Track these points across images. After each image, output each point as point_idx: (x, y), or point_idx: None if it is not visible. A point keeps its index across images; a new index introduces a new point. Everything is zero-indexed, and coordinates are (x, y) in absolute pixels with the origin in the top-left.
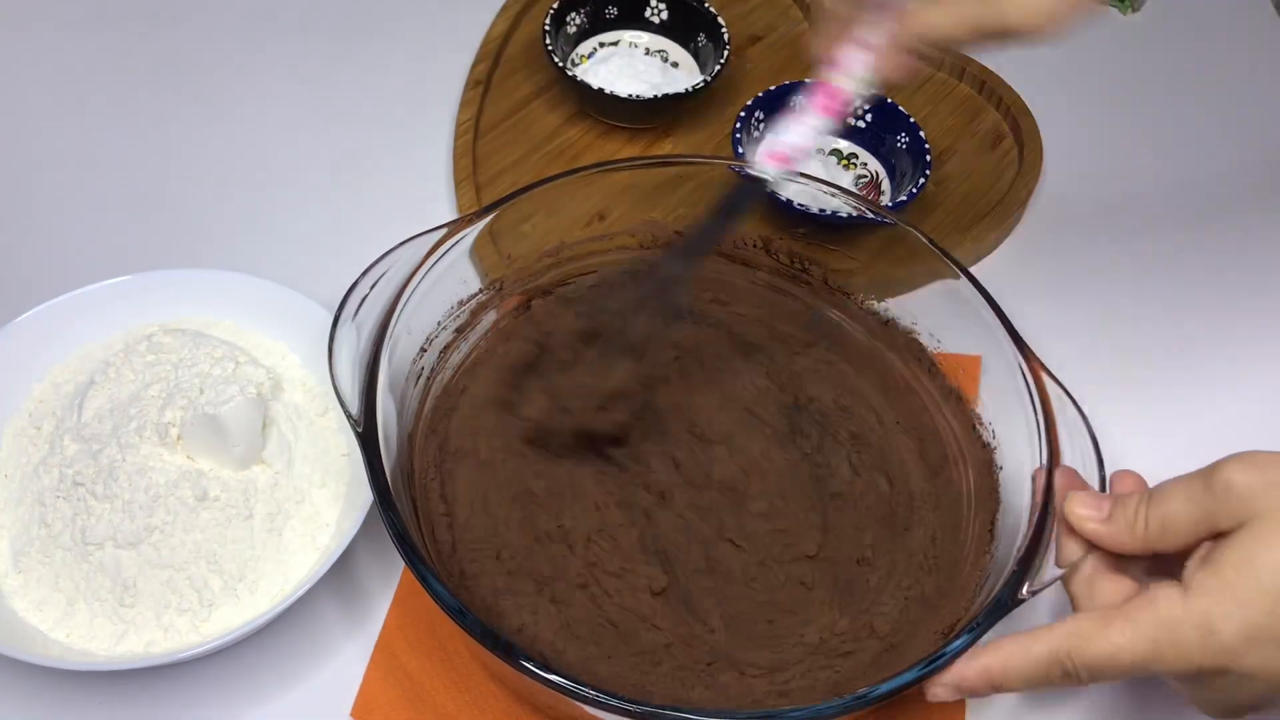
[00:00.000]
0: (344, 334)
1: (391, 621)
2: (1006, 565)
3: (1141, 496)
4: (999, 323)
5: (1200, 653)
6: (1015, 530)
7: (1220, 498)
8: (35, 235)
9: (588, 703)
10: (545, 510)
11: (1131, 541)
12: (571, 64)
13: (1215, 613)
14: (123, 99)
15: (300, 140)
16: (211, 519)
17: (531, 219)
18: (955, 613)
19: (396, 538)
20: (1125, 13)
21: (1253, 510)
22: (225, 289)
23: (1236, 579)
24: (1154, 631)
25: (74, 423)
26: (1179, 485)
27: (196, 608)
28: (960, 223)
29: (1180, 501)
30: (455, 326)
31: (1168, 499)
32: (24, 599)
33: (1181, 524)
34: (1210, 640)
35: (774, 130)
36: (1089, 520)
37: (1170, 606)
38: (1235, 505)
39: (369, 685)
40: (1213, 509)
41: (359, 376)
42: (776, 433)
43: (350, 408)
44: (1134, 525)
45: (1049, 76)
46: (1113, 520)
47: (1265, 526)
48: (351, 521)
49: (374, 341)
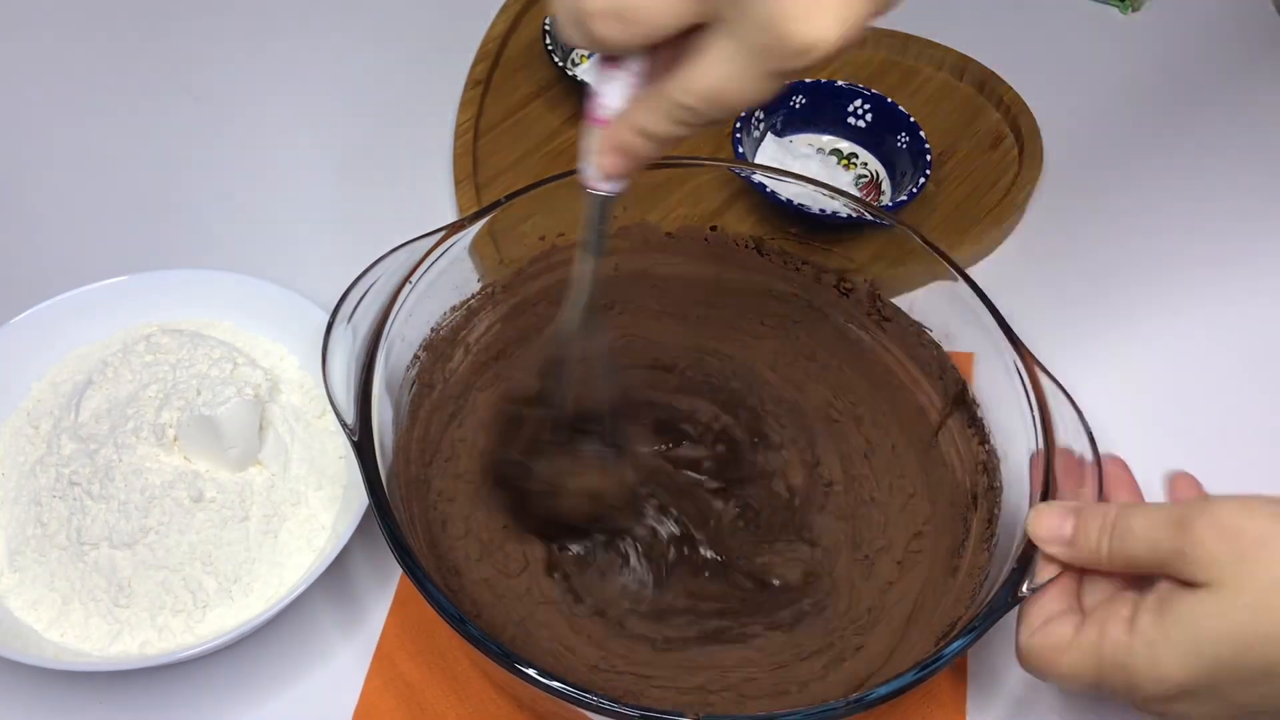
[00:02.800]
0: (338, 340)
1: (390, 629)
2: (1004, 564)
3: (1103, 525)
4: (994, 321)
5: (1126, 691)
6: (1013, 528)
7: (1188, 560)
8: (35, 235)
9: (590, 709)
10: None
11: (1095, 566)
12: (571, 64)
13: (1147, 666)
14: (123, 99)
15: (300, 140)
16: (207, 520)
17: (532, 218)
18: (954, 612)
19: (396, 547)
20: (1125, 12)
21: (1215, 577)
22: (224, 289)
23: (1179, 638)
24: (1095, 668)
25: (71, 422)
26: (1145, 529)
27: (191, 609)
28: (960, 223)
29: (1144, 547)
30: (451, 330)
31: (1132, 536)
32: (19, 598)
33: (1142, 566)
34: (1139, 688)
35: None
36: (1051, 545)
37: (1112, 649)
38: (1200, 568)
39: (369, 695)
40: (1175, 556)
41: (354, 383)
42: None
43: (345, 416)
44: (1095, 555)
45: (1049, 76)
46: (1074, 546)
47: (1222, 596)
48: (347, 524)
49: (368, 348)
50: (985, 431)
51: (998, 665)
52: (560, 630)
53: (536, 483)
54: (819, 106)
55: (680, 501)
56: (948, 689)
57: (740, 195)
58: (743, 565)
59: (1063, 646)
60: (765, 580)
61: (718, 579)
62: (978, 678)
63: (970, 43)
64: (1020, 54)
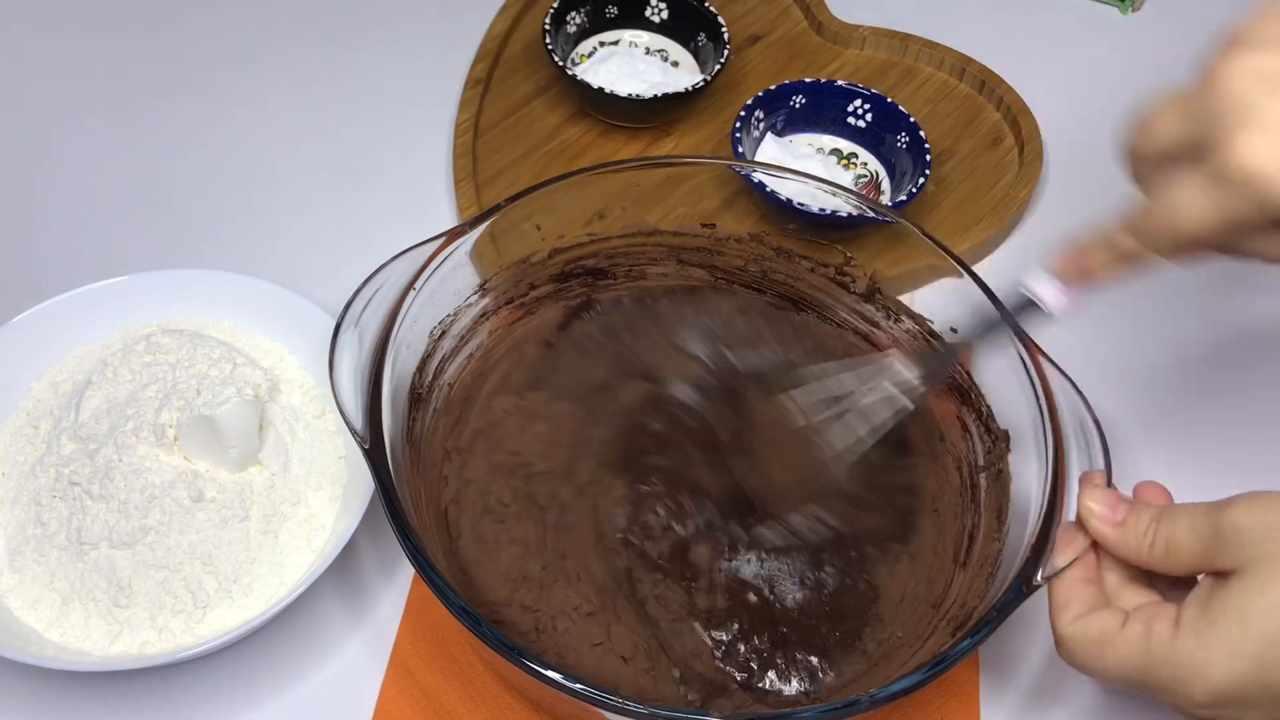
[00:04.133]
0: (345, 346)
1: (404, 637)
2: (1016, 555)
3: (1154, 513)
4: (997, 312)
5: (1174, 689)
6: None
7: (1225, 538)
8: (36, 234)
9: (609, 709)
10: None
11: (1136, 554)
12: (571, 63)
13: (1198, 658)
14: (123, 99)
15: (300, 140)
16: (207, 520)
17: (532, 218)
18: (969, 603)
19: (417, 558)
20: (1125, 12)
21: (1250, 555)
22: (224, 289)
23: (1225, 625)
24: (1140, 664)
25: (71, 422)
26: (1188, 516)
27: (191, 609)
28: (960, 222)
29: (1187, 532)
30: (457, 335)
31: (1176, 525)
32: (19, 598)
33: (1184, 555)
34: (1189, 685)
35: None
36: (1101, 521)
37: (1159, 645)
38: (1236, 549)
39: (385, 703)
40: (1215, 548)
41: (362, 393)
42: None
43: (355, 423)
44: (1143, 539)
45: (1049, 76)
46: (1124, 527)
47: (1260, 572)
48: (347, 524)
49: (375, 357)
50: (988, 418)
51: (1010, 654)
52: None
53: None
54: (819, 106)
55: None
56: (961, 679)
57: (740, 195)
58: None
59: (1107, 640)
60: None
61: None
62: (991, 665)
63: (970, 43)
64: (1020, 54)
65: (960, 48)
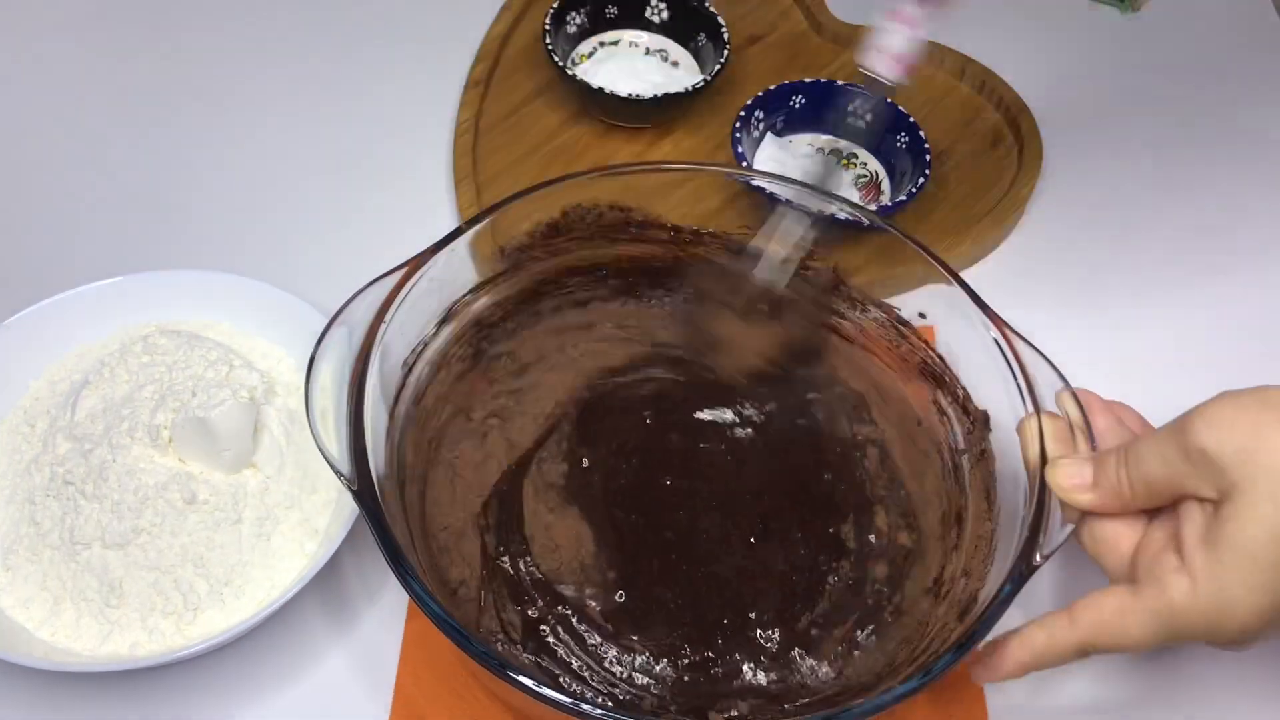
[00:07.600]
0: (329, 348)
1: (404, 673)
2: (1012, 538)
3: (1119, 457)
4: (963, 293)
5: (1209, 635)
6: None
7: (1196, 463)
8: (35, 234)
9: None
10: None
11: (1120, 506)
12: (571, 63)
13: (1221, 601)
14: (123, 99)
15: (300, 140)
16: (200, 522)
17: (533, 217)
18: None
19: (425, 601)
20: (1125, 12)
21: (1230, 483)
22: (223, 291)
23: (1235, 563)
24: (1168, 622)
25: (67, 421)
26: (1152, 448)
27: (182, 610)
28: (960, 222)
29: (1158, 465)
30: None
31: (1144, 462)
32: (10, 596)
33: (1162, 487)
34: (1222, 628)
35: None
36: (1076, 492)
37: (1182, 598)
38: (1213, 475)
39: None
40: (1190, 473)
41: (345, 434)
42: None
43: (340, 467)
44: (1119, 490)
45: (1049, 76)
46: (1098, 486)
47: (1246, 501)
48: (339, 529)
49: (360, 359)
50: (967, 401)
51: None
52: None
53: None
54: (819, 106)
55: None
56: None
57: (739, 196)
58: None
59: (1124, 610)
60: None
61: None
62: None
63: (970, 43)
64: (1020, 54)
65: (960, 48)
